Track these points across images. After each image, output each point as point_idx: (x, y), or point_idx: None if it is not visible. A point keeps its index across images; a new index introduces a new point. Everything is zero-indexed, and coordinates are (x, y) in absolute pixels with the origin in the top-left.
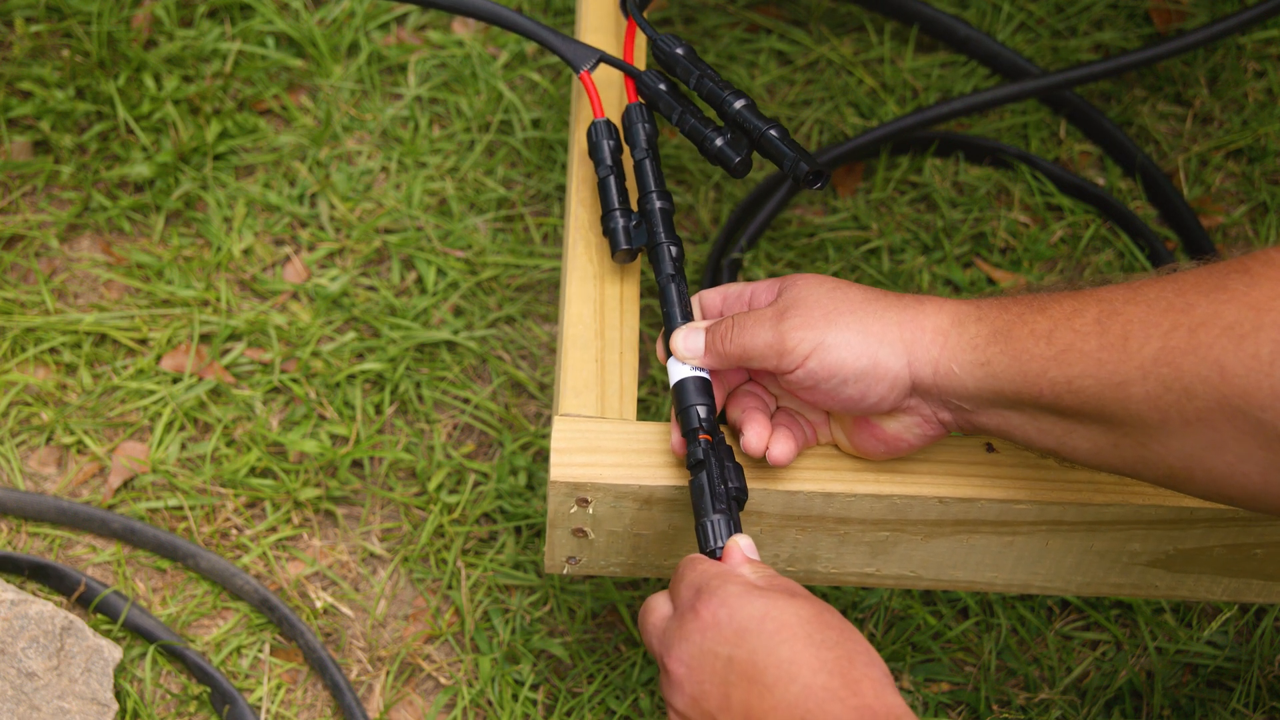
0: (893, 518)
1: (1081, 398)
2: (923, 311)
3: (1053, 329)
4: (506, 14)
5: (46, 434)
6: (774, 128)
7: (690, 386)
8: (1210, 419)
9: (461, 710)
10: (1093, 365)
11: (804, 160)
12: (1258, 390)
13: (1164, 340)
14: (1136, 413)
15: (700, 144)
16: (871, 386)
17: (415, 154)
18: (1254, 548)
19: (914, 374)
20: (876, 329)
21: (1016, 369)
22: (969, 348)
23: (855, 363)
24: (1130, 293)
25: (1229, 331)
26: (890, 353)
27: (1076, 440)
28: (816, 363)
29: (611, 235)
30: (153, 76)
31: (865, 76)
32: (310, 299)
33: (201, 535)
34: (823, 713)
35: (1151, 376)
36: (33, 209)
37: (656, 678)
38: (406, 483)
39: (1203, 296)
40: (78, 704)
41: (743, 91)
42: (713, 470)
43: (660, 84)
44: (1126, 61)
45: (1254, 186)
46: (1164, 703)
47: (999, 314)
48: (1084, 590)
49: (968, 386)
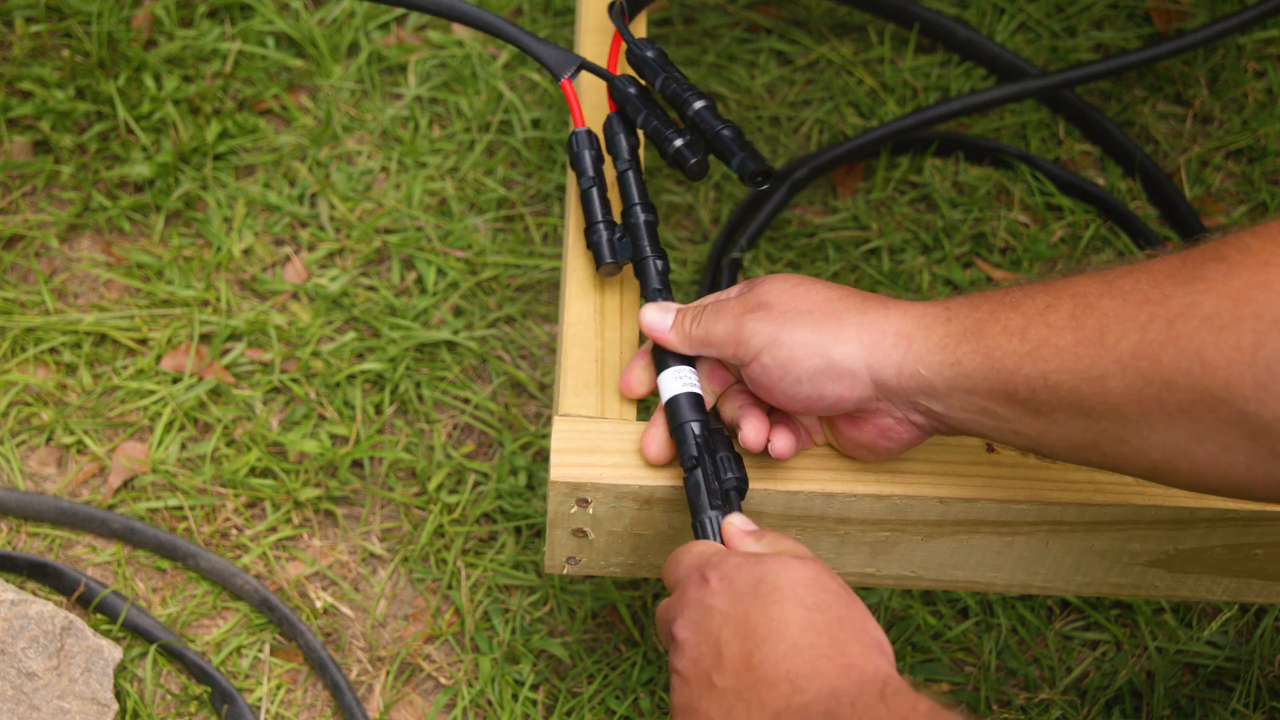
0: (893, 518)
1: (1059, 393)
2: (886, 315)
3: (1026, 325)
4: (489, 19)
5: (46, 434)
6: (728, 128)
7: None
8: (1192, 410)
9: (461, 710)
10: (1069, 360)
11: (751, 160)
12: (1240, 381)
13: (1141, 333)
14: (1117, 406)
15: (660, 146)
16: (827, 386)
17: (415, 154)
18: (1254, 548)
19: (875, 375)
20: (832, 328)
21: (989, 366)
22: (937, 349)
23: (808, 360)
24: (1104, 285)
25: (1208, 322)
26: (845, 352)
27: (1054, 438)
28: (770, 358)
29: (596, 249)
30: (153, 76)
31: (865, 76)
32: (310, 299)
33: (201, 535)
34: (810, 669)
35: (1130, 370)
36: (33, 209)
37: (657, 678)
38: (406, 483)
39: (1179, 287)
40: (78, 704)
41: (705, 94)
42: (708, 468)
43: (631, 88)
44: (1126, 61)
45: (1254, 186)
46: (1164, 703)
47: (969, 313)
48: (1084, 590)
49: (936, 387)
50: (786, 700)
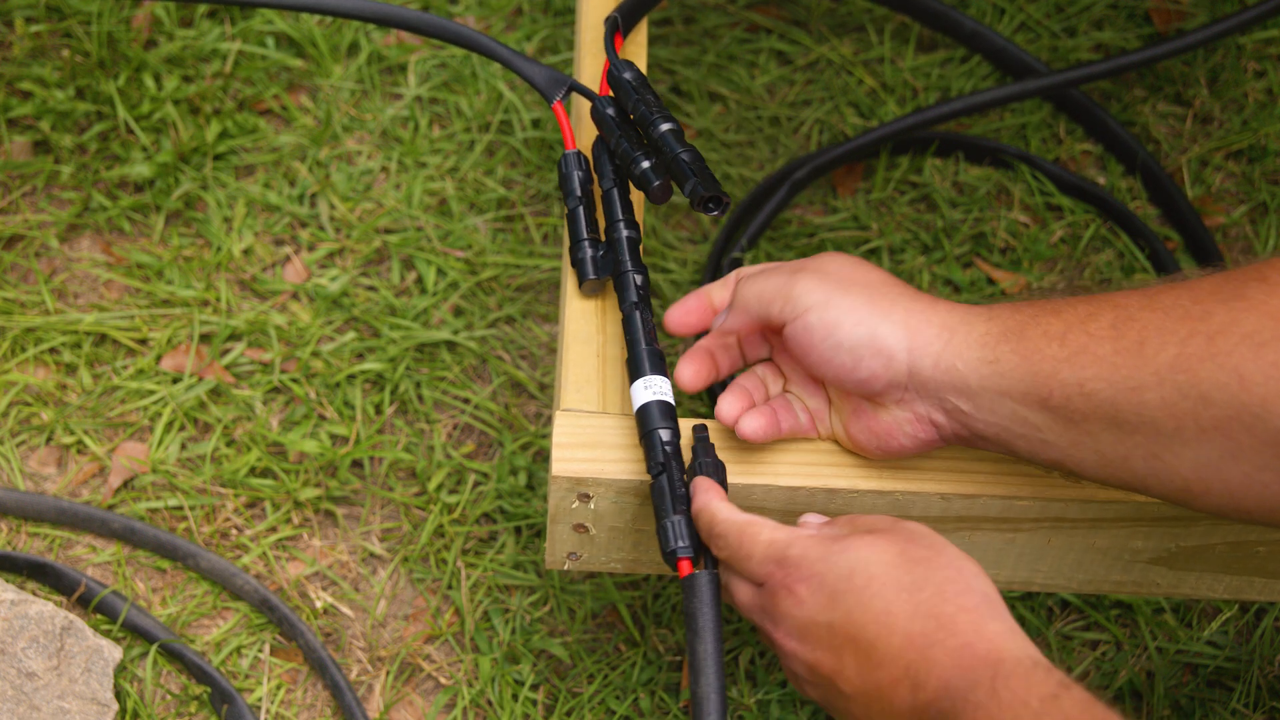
0: (894, 514)
1: (1094, 401)
2: (934, 307)
3: (1066, 331)
4: (480, 40)
5: (46, 434)
6: (687, 152)
7: (654, 410)
8: (1227, 427)
9: (461, 710)
10: (1107, 369)
11: (702, 185)
12: (1277, 399)
13: (1181, 347)
14: (1151, 419)
15: (627, 167)
16: (865, 358)
17: (415, 154)
18: (1256, 545)
19: (912, 361)
20: (884, 306)
21: (1026, 368)
22: (977, 345)
23: (854, 329)
24: (1146, 299)
25: (1248, 339)
26: (890, 331)
27: (1084, 451)
28: (816, 318)
29: (579, 266)
30: (153, 76)
31: (865, 76)
32: (310, 299)
33: (201, 535)
34: (925, 661)
35: (1168, 382)
36: (33, 209)
37: (656, 677)
38: (406, 483)
39: (1220, 304)
40: (78, 704)
41: (672, 118)
42: (674, 474)
43: (610, 109)
44: (1126, 61)
45: (1254, 186)
46: (1164, 703)
47: (1011, 314)
48: (1085, 588)
49: (970, 385)
50: (911, 700)
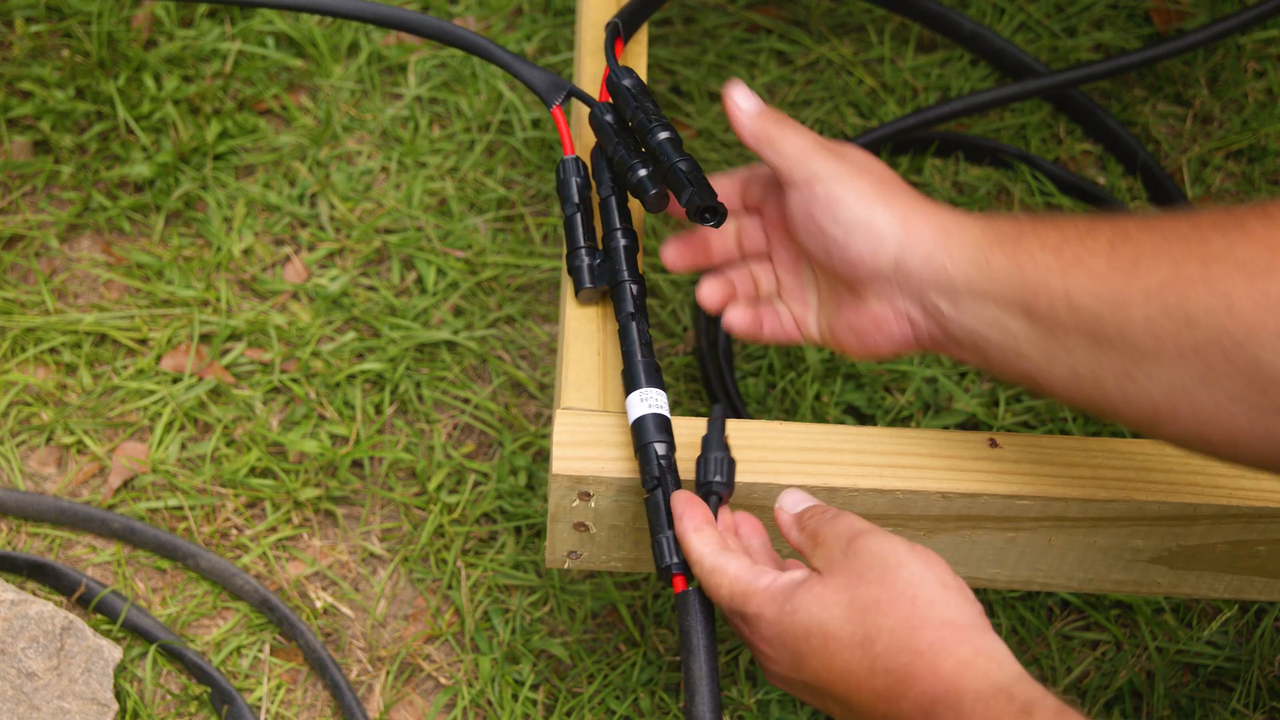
0: (895, 513)
1: (1078, 314)
2: (936, 209)
3: (1063, 242)
4: (481, 43)
5: (46, 434)
6: (685, 161)
7: (650, 424)
8: (1206, 352)
9: (461, 710)
10: (1097, 282)
11: (699, 195)
12: (1262, 328)
13: (1174, 268)
14: (1132, 336)
15: (623, 175)
16: (857, 238)
17: (415, 154)
18: (1256, 544)
19: (902, 254)
20: (890, 197)
21: (1017, 273)
22: (970, 245)
23: (856, 208)
24: (1145, 222)
25: (1243, 267)
26: (888, 220)
27: (1057, 365)
28: (822, 189)
29: (575, 274)
30: (153, 76)
31: (865, 76)
32: (310, 299)
33: (201, 535)
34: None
35: (1155, 301)
36: (33, 209)
37: (656, 677)
38: (406, 483)
39: (1219, 233)
40: (78, 704)
41: (670, 126)
42: (669, 488)
43: (608, 115)
44: (1126, 61)
45: (1254, 186)
46: (1164, 703)
47: (1008, 222)
48: (1086, 587)
49: (955, 285)
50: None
